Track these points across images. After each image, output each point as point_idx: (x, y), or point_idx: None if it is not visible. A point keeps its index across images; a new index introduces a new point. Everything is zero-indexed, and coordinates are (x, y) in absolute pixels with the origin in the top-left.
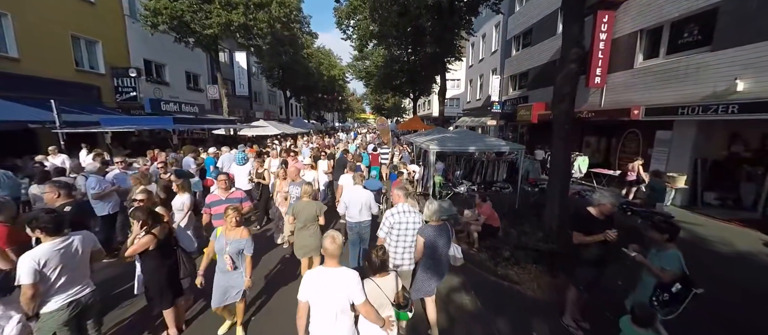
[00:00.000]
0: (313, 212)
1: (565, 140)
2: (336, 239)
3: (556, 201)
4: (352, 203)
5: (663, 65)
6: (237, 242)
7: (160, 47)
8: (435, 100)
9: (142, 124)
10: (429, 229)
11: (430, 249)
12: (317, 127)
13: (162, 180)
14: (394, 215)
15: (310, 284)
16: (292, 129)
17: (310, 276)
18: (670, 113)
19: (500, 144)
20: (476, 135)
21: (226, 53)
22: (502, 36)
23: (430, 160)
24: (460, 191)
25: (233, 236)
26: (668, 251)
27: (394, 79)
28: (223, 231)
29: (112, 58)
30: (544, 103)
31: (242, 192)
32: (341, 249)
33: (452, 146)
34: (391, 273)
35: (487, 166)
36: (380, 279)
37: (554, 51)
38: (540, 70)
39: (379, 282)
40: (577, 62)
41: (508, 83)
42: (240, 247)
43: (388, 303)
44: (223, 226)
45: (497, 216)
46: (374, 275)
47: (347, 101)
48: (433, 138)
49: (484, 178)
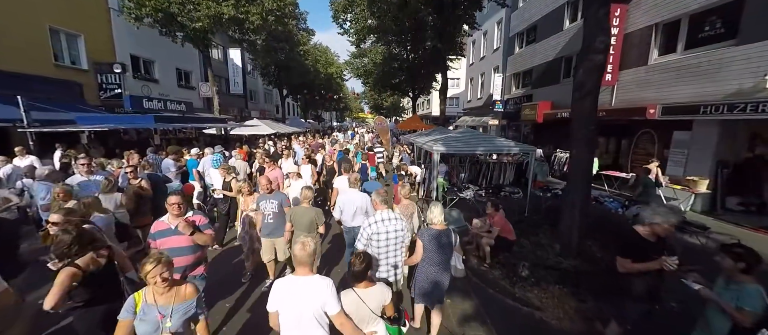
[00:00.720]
0: (312, 219)
1: (587, 142)
2: (306, 246)
3: (576, 210)
4: (346, 207)
5: (681, 61)
6: (182, 308)
7: (149, 42)
8: (434, 99)
9: (121, 123)
10: (429, 233)
11: (430, 254)
12: (315, 126)
13: (130, 187)
14: (372, 224)
15: (279, 293)
16: (288, 128)
17: (279, 285)
18: (690, 112)
19: (510, 145)
20: (483, 135)
21: (220, 50)
22: (505, 33)
23: (433, 162)
24: (466, 196)
25: (169, 302)
26: (746, 285)
27: (392, 77)
28: (152, 295)
29: (96, 53)
30: (550, 102)
31: (203, 217)
32: (313, 257)
33: (458, 147)
34: (378, 284)
35: (493, 168)
36: (363, 290)
37: (561, 47)
38: (545, 68)
39: (362, 292)
40: (602, 53)
41: (510, 81)
42: (186, 315)
43: (373, 316)
44: (149, 289)
45: (511, 227)
46: (356, 285)
47: (345, 100)
48: (437, 138)
49: (490, 182)
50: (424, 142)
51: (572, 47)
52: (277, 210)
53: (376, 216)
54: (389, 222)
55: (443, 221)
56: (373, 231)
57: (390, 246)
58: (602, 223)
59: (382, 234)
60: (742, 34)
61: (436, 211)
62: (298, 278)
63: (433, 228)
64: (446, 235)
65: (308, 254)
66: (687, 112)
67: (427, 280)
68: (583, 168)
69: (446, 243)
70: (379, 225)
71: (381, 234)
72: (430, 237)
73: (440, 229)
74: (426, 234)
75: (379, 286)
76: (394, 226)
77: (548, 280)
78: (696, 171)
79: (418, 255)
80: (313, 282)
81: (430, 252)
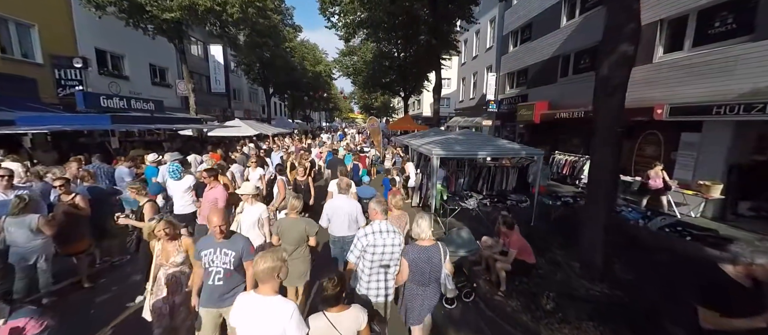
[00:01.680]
0: (302, 231)
1: (613, 146)
2: (266, 260)
3: (599, 226)
4: (335, 214)
5: (689, 59)
6: None
7: (118, 35)
8: (425, 99)
9: (71, 124)
10: (416, 249)
11: (417, 273)
12: (302, 126)
13: (60, 206)
14: (367, 235)
15: (240, 311)
16: (273, 129)
17: (241, 301)
18: (701, 113)
19: (515, 147)
20: (486, 137)
21: (200, 46)
22: (498, 31)
23: (432, 167)
24: (469, 206)
25: None
26: None
27: (383, 76)
28: None
29: (53, 46)
30: (547, 102)
31: None
32: (275, 272)
33: (460, 150)
34: (353, 307)
35: (494, 173)
36: (335, 314)
37: (557, 46)
38: (542, 67)
39: (334, 317)
40: (631, 41)
41: (504, 81)
42: None
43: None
44: None
45: (530, 248)
46: (327, 308)
47: (334, 100)
48: (435, 140)
49: (491, 188)
50: (421, 144)
51: (570, 45)
52: (231, 267)
53: (372, 226)
54: (386, 235)
55: (431, 236)
56: (368, 244)
57: (384, 262)
58: (624, 238)
59: (378, 248)
60: (759, 30)
61: (423, 225)
62: (258, 297)
63: (421, 244)
64: (435, 252)
65: (269, 269)
66: (698, 112)
67: (414, 301)
68: (607, 176)
69: (436, 261)
70: (376, 238)
71: (377, 248)
72: (417, 254)
73: (428, 245)
74: (412, 251)
75: (353, 309)
76: (392, 240)
77: (579, 315)
78: (706, 175)
79: (403, 274)
80: (274, 305)
81: (417, 271)
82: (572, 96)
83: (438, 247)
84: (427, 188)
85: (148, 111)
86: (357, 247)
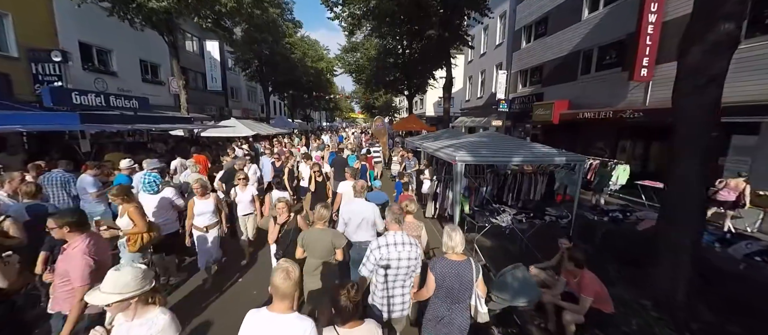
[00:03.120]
0: (329, 244)
1: (702, 156)
2: (291, 274)
3: (684, 255)
4: (352, 218)
5: (741, 52)
6: None
7: (105, 28)
8: (429, 98)
9: (31, 124)
10: (444, 263)
11: (444, 290)
12: (303, 126)
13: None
14: (381, 248)
15: (250, 330)
16: (271, 129)
17: (250, 320)
18: (760, 112)
19: (552, 152)
20: (515, 140)
21: (196, 41)
22: (509, 27)
23: (455, 175)
24: (502, 223)
25: None
26: None
27: (387, 73)
28: None
29: (31, 38)
30: (567, 101)
31: None
32: (296, 287)
33: (488, 156)
34: (367, 322)
35: (521, 180)
36: (347, 331)
37: (579, 40)
38: (559, 64)
39: (346, 334)
40: (736, 15)
41: (517, 79)
42: None
43: None
44: None
45: (607, 292)
46: (342, 324)
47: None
48: (455, 144)
49: (516, 197)
50: (438, 148)
51: (593, 40)
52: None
53: (387, 238)
54: (402, 248)
55: (462, 251)
56: (381, 257)
57: (399, 276)
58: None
59: (393, 262)
60: None
61: (457, 238)
62: (273, 315)
63: (450, 257)
64: (466, 268)
65: (292, 284)
66: (756, 112)
67: (439, 322)
68: (694, 192)
69: (467, 279)
70: (390, 251)
71: (392, 261)
72: (446, 268)
73: (458, 260)
74: (440, 265)
75: (367, 325)
76: (408, 253)
77: None
78: (764, 184)
79: (429, 289)
80: (289, 324)
81: (444, 288)
82: (595, 95)
83: (470, 263)
84: (445, 198)
85: (130, 109)
86: (370, 260)
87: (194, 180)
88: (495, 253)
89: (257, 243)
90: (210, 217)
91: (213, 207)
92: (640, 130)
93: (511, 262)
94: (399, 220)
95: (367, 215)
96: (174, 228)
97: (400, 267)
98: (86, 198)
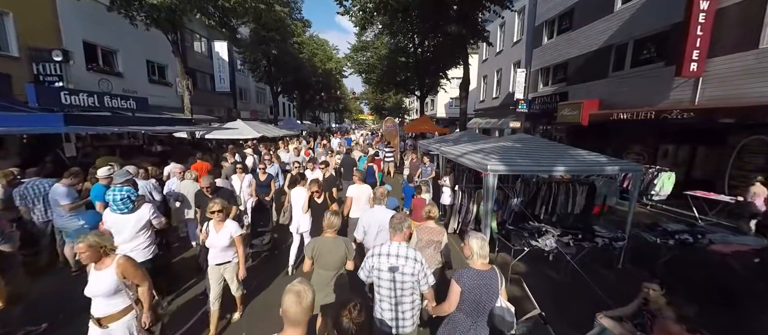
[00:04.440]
0: (343, 255)
1: None
2: (302, 298)
3: None
4: (371, 226)
5: None
6: None
7: (111, 28)
8: (440, 99)
9: (14, 125)
10: (471, 275)
11: (471, 305)
12: (311, 128)
13: None
14: (373, 256)
15: None
16: (278, 131)
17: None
18: None
19: (602, 161)
20: (556, 145)
21: (204, 42)
22: (529, 22)
23: (487, 189)
24: (545, 247)
25: None
26: None
27: (398, 73)
28: None
29: (33, 37)
30: (597, 101)
31: None
32: (309, 313)
33: (525, 165)
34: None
35: (556, 191)
36: None
37: (610, 33)
38: (587, 60)
39: None
40: None
41: (537, 78)
42: None
43: None
44: None
45: None
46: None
47: (344, 100)
48: (482, 149)
49: (550, 210)
50: (462, 153)
51: (628, 32)
52: None
53: (383, 247)
54: (395, 260)
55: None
56: (372, 265)
57: (395, 290)
58: None
59: (384, 273)
60: None
61: (485, 248)
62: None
63: (476, 267)
64: (492, 278)
65: (303, 311)
66: None
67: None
68: None
69: (493, 289)
70: (381, 261)
71: (383, 273)
72: (474, 280)
73: (485, 270)
74: (467, 277)
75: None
76: (402, 267)
77: None
78: None
79: (451, 303)
80: None
81: (471, 301)
82: (630, 93)
83: (495, 272)
84: (468, 211)
85: (128, 110)
86: (366, 265)
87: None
88: (537, 284)
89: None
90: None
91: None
92: (687, 132)
93: (558, 296)
94: (399, 229)
95: (382, 221)
96: (147, 255)
97: (394, 281)
98: (59, 212)
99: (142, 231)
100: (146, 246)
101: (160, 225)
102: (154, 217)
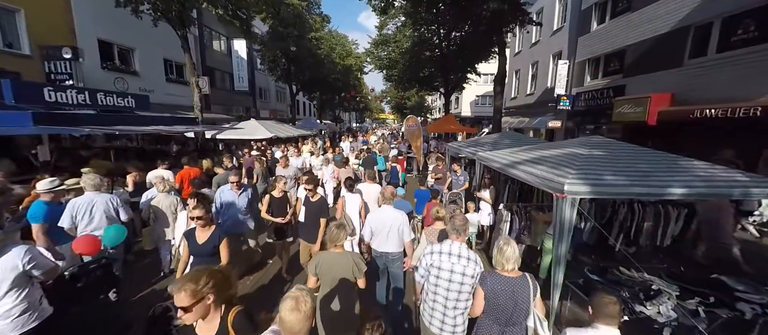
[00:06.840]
0: (349, 271)
1: None
2: (300, 305)
3: None
4: (379, 227)
5: None
6: None
7: (127, 26)
8: (465, 97)
9: None
10: (495, 279)
11: (495, 310)
12: (331, 128)
13: None
14: (433, 254)
15: None
16: (294, 131)
17: None
18: None
19: (743, 180)
20: (657, 153)
21: (223, 41)
22: (573, 7)
23: (564, 220)
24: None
25: None
26: None
27: (421, 68)
28: None
29: (45, 35)
30: (669, 95)
31: None
32: (308, 321)
33: (621, 185)
34: None
35: (643, 214)
36: None
37: (689, 11)
38: (653, 46)
39: None
40: None
41: (583, 70)
42: None
43: None
44: None
45: None
46: None
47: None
48: (543, 157)
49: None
50: (513, 162)
51: (714, 7)
52: None
53: (442, 245)
54: (457, 260)
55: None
56: (431, 263)
57: (452, 291)
58: None
59: (443, 273)
60: None
61: (508, 252)
62: None
63: (502, 274)
64: (522, 286)
65: (302, 319)
66: None
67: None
68: None
69: (523, 298)
70: (442, 259)
71: (442, 272)
72: (497, 284)
73: (513, 277)
74: (491, 280)
75: None
76: (463, 267)
77: None
78: None
79: (478, 307)
80: None
81: (496, 308)
82: (717, 85)
83: (526, 280)
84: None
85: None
86: (422, 264)
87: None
88: None
89: None
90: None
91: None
92: None
93: None
94: (460, 232)
95: (395, 224)
96: (34, 320)
97: (452, 281)
98: None
99: (12, 290)
100: (19, 315)
101: (48, 276)
102: (30, 266)
